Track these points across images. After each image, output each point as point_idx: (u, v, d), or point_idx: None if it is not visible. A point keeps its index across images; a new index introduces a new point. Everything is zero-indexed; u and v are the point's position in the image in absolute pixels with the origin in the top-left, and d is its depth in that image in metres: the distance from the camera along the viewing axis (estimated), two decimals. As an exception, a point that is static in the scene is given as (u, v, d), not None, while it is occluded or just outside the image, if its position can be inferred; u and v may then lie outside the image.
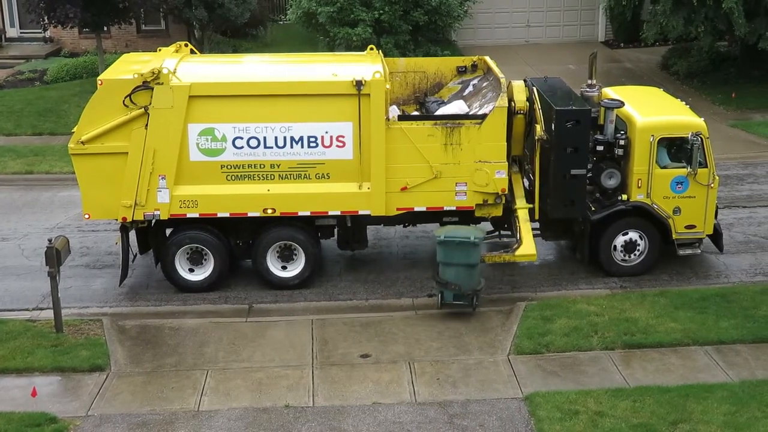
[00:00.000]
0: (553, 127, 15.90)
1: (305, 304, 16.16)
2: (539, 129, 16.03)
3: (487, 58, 18.25)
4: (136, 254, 16.79)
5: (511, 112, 16.08)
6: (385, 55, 22.43)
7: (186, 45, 17.53)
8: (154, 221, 16.25)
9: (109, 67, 16.62)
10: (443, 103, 17.38)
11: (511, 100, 16.07)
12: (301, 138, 15.68)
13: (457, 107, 16.86)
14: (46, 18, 27.45)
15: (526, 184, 17.00)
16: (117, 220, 16.07)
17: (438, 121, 15.95)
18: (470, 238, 14.89)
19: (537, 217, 16.75)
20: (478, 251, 15.02)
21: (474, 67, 18.33)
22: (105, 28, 29.66)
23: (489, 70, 17.81)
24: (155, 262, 16.81)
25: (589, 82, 17.29)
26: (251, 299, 16.28)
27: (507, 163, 16.14)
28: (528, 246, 16.08)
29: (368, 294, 16.49)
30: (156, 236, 16.64)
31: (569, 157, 15.96)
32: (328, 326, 15.20)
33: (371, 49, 17.57)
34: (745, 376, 13.37)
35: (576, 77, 18.57)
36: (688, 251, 16.84)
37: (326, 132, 15.69)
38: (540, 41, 34.93)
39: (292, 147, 15.72)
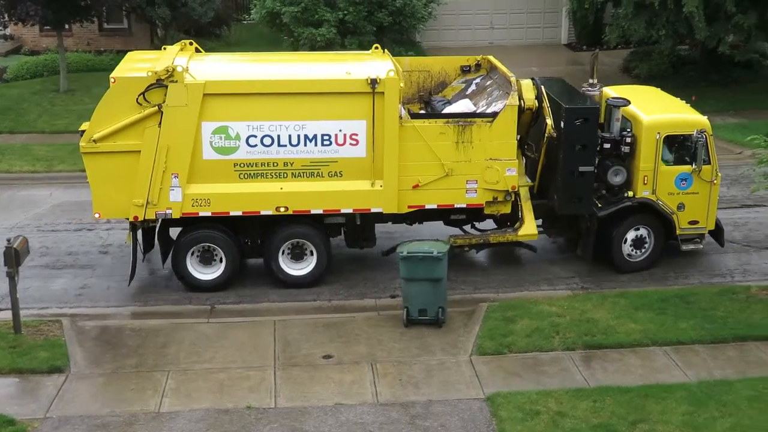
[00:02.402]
0: (562, 124, 16.18)
1: (268, 305, 16.11)
2: (550, 127, 16.27)
3: (492, 58, 18.47)
4: (145, 255, 16.77)
5: (521, 110, 16.29)
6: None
7: (191, 43, 17.39)
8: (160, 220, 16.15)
9: (117, 66, 16.37)
10: (448, 103, 17.50)
11: (520, 98, 16.25)
12: (315, 136, 15.69)
13: (464, 106, 17.00)
14: (6, 15, 27.14)
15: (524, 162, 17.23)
16: (128, 219, 15.90)
17: (450, 119, 16.05)
18: (433, 253, 14.72)
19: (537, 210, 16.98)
20: (442, 266, 14.79)
21: (477, 66, 18.50)
22: (66, 26, 29.35)
23: (493, 69, 17.96)
24: (162, 261, 16.66)
25: (591, 81, 17.47)
26: (213, 300, 16.20)
27: (518, 161, 16.39)
28: (530, 225, 16.52)
29: (331, 295, 16.47)
30: (162, 235, 16.52)
31: (578, 155, 16.23)
32: (290, 327, 15.16)
33: (376, 48, 17.75)
34: (703, 376, 13.54)
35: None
36: (691, 246, 17.21)
37: (340, 130, 15.70)
38: (504, 43, 35.07)
39: (305, 145, 15.71)
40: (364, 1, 22.46)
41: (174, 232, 16.71)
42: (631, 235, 17.02)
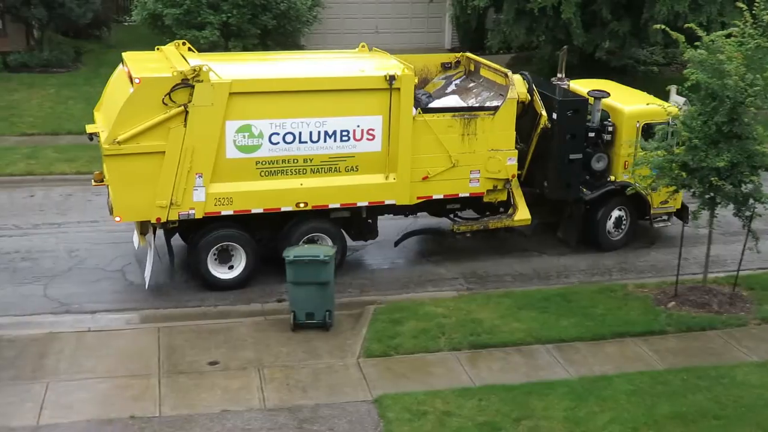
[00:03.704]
0: (554, 115, 17.32)
1: (152, 312, 15.80)
2: (545, 118, 17.31)
3: (471, 54, 19.34)
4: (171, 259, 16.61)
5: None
6: (234, 59, 22.37)
7: (184, 44, 17.34)
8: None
9: (132, 66, 15.78)
10: (431, 97, 17.94)
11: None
12: (335, 132, 16.03)
13: (454, 101, 17.79)
14: None
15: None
16: (151, 221, 15.71)
17: (456, 113, 16.80)
18: (320, 257, 14.70)
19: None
20: (328, 269, 14.78)
21: (457, 63, 19.26)
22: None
23: (474, 71, 18.81)
24: (171, 263, 16.59)
25: (559, 76, 18.70)
26: (94, 307, 15.79)
27: (516, 150, 17.23)
28: (523, 211, 17.50)
29: (217, 300, 16.26)
30: (171, 236, 16.44)
31: (568, 143, 17.38)
32: (175, 334, 14.89)
33: (363, 46, 18.51)
34: (583, 373, 13.89)
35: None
36: (662, 224, 18.93)
37: (358, 126, 16.11)
38: (389, 47, 34.97)
39: (325, 141, 16.03)
40: (248, 4, 22.27)
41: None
42: (613, 215, 18.52)
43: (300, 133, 15.87)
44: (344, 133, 16.09)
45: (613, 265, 18.19)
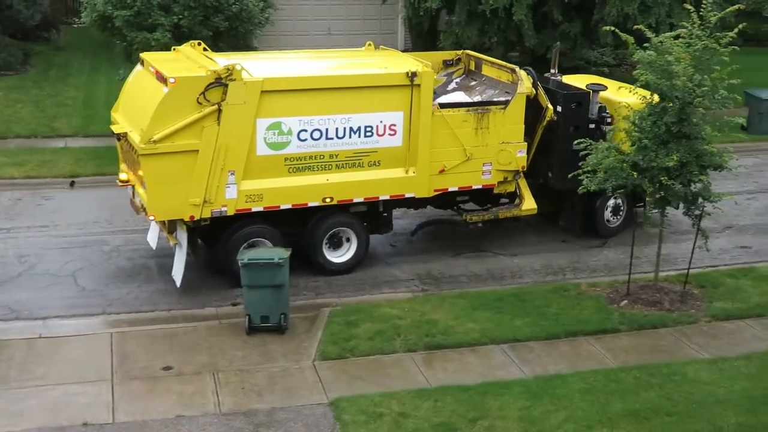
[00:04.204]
0: (559, 108, 18.07)
1: (104, 318, 15.61)
2: (551, 111, 18.12)
3: (471, 52, 20.11)
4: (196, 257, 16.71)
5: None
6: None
7: (199, 44, 17.53)
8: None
9: (160, 66, 15.84)
10: (435, 93, 17.92)
11: None
12: (359, 128, 16.47)
13: (460, 97, 18.32)
14: None
15: None
16: (184, 219, 15.78)
17: (470, 108, 17.44)
18: (274, 259, 14.64)
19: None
20: (283, 272, 14.72)
21: (458, 60, 19.80)
22: None
23: (475, 70, 19.43)
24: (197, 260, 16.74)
25: (552, 71, 19.58)
26: (45, 313, 15.56)
27: (525, 143, 17.91)
28: (530, 201, 18.18)
29: (170, 305, 16.12)
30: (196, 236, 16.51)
31: (572, 135, 17.62)
32: (128, 339, 14.74)
33: (369, 44, 18.97)
34: (538, 372, 13.98)
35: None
36: (654, 211, 19.04)
37: (381, 121, 16.59)
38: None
39: (350, 137, 16.46)
40: (200, 6, 22.09)
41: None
42: (610, 204, 19.22)
43: (327, 130, 16.27)
44: (368, 129, 16.55)
45: (566, 265, 18.34)
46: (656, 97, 15.47)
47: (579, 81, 19.57)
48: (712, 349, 14.84)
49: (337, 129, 16.32)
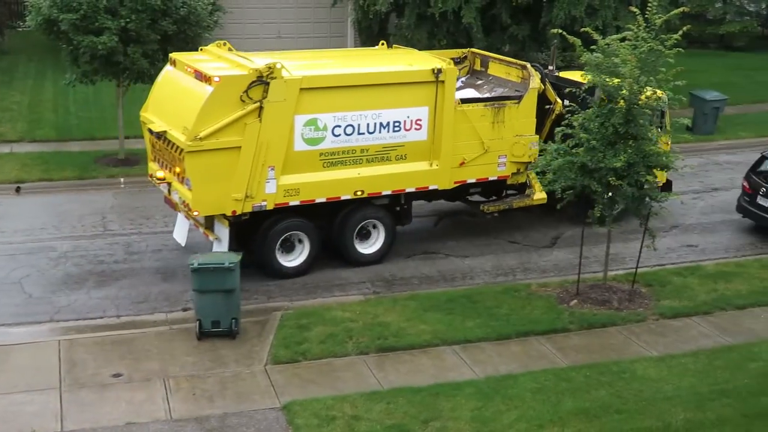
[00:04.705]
0: (566, 102, 18.49)
1: (52, 325, 15.38)
2: (560, 105, 19.01)
3: (477, 50, 21.08)
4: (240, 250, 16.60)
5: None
6: (133, 64, 21.99)
7: (224, 44, 17.99)
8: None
9: (199, 66, 16.30)
10: None
11: None
12: (389, 123, 17.17)
13: (471, 93, 19.12)
14: None
15: None
16: (226, 214, 16.21)
17: (487, 103, 18.23)
18: (225, 264, 14.55)
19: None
20: (234, 276, 14.64)
21: (464, 58, 20.66)
22: None
23: (481, 69, 20.36)
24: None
25: (550, 68, 20.54)
26: (-9, 322, 15.32)
27: (538, 135, 18.72)
28: (541, 191, 18.68)
29: (119, 311, 15.94)
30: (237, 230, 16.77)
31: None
32: (77, 346, 14.54)
33: (382, 44, 20.04)
34: (489, 372, 14.06)
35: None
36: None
37: (408, 116, 17.32)
38: (292, 52, 35.20)
39: (380, 132, 17.15)
40: (147, 9, 21.88)
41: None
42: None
43: (359, 125, 16.92)
44: (396, 124, 17.25)
45: (516, 266, 18.47)
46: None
47: (573, 76, 19.93)
48: (660, 347, 15.05)
49: (368, 124, 17.00)
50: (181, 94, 16.55)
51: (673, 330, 15.71)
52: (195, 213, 16.14)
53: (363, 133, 17.01)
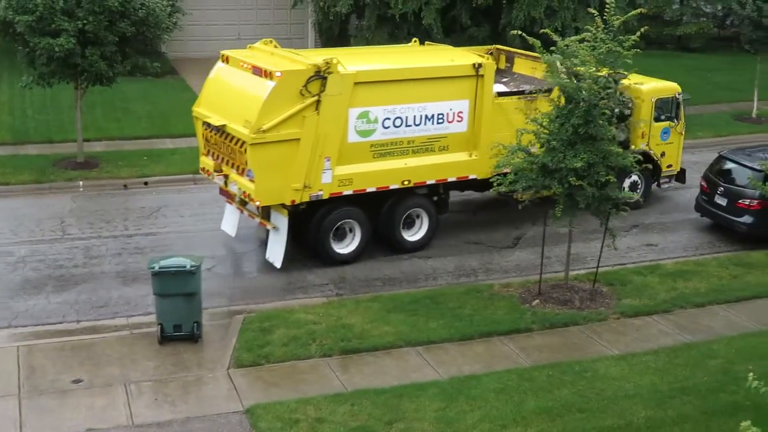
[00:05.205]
0: None
1: (10, 331, 15.15)
2: None
3: (502, 46, 22.05)
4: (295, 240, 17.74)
5: None
6: (91, 67, 21.76)
7: (270, 41, 18.68)
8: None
9: (258, 62, 17.05)
10: None
11: None
12: (433, 115, 18.08)
13: (500, 88, 19.61)
14: None
15: None
16: (285, 203, 16.95)
17: (521, 96, 18.93)
18: (186, 267, 14.44)
19: None
20: (195, 279, 14.55)
21: (490, 54, 21.12)
22: None
23: (510, 62, 21.32)
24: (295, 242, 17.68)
25: None
26: (-53, 329, 15.06)
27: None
28: None
29: (79, 316, 15.75)
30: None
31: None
32: (35, 352, 14.34)
33: (415, 41, 20.77)
34: (453, 373, 14.09)
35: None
36: (666, 186, 22.19)
37: (450, 109, 18.23)
38: (252, 54, 35.02)
39: (425, 124, 18.04)
40: (105, 11, 21.66)
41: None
42: (628, 181, 21.04)
43: (406, 118, 17.78)
44: (440, 116, 18.13)
45: (479, 266, 18.54)
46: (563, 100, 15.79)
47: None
48: (621, 346, 15.18)
49: (414, 117, 17.86)
50: (238, 90, 17.36)
51: (634, 329, 15.86)
52: (257, 203, 16.83)
53: (410, 125, 17.87)
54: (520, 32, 17.36)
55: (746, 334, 15.68)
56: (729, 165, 20.40)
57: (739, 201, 19.68)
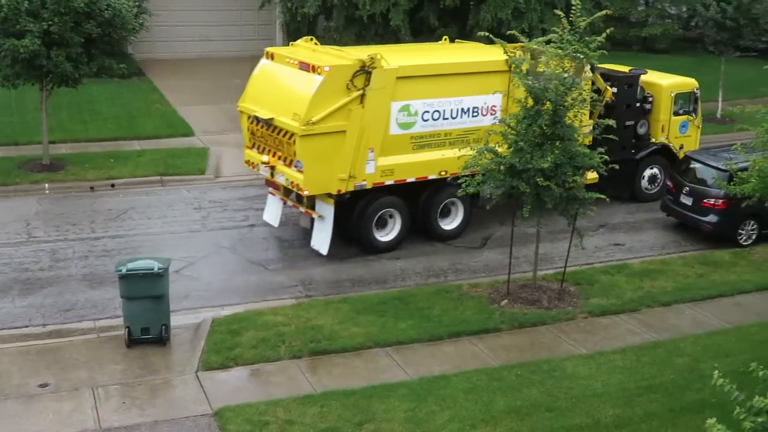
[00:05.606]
0: (615, 90, 21.14)
1: (-26, 335, 15.01)
2: (610, 92, 21.25)
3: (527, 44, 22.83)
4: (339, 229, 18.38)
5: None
6: (56, 68, 21.56)
7: (311, 39, 19.64)
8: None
9: (304, 58, 17.85)
10: None
11: None
12: (468, 109, 18.91)
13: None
14: None
15: None
16: (331, 193, 17.66)
17: None
18: (154, 269, 14.34)
19: None
20: (163, 282, 14.45)
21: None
22: None
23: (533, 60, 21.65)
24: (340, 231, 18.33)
25: None
26: None
27: (591, 120, 19.16)
28: (593, 172, 18.53)
29: (45, 319, 15.60)
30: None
31: (625, 112, 21.25)
32: (1, 356, 14.17)
33: (445, 39, 21.54)
34: (422, 373, 14.10)
35: (239, 91, 19.32)
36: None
37: (485, 103, 19.03)
38: (221, 55, 34.94)
39: (461, 117, 18.88)
40: (71, 12, 21.47)
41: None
42: (648, 173, 22.46)
43: (444, 111, 18.63)
44: (475, 110, 18.97)
45: (447, 267, 18.58)
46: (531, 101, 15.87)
47: (607, 67, 21.81)
48: (589, 345, 15.28)
49: (451, 110, 18.70)
50: (285, 84, 18.11)
51: (601, 328, 15.97)
52: (305, 192, 17.52)
53: (447, 119, 18.69)
54: (487, 33, 17.44)
55: (712, 332, 15.85)
56: (694, 165, 20.62)
57: (705, 200, 19.90)
